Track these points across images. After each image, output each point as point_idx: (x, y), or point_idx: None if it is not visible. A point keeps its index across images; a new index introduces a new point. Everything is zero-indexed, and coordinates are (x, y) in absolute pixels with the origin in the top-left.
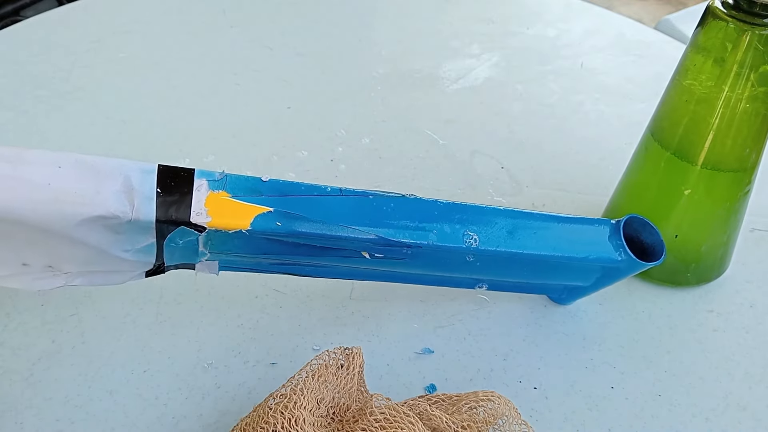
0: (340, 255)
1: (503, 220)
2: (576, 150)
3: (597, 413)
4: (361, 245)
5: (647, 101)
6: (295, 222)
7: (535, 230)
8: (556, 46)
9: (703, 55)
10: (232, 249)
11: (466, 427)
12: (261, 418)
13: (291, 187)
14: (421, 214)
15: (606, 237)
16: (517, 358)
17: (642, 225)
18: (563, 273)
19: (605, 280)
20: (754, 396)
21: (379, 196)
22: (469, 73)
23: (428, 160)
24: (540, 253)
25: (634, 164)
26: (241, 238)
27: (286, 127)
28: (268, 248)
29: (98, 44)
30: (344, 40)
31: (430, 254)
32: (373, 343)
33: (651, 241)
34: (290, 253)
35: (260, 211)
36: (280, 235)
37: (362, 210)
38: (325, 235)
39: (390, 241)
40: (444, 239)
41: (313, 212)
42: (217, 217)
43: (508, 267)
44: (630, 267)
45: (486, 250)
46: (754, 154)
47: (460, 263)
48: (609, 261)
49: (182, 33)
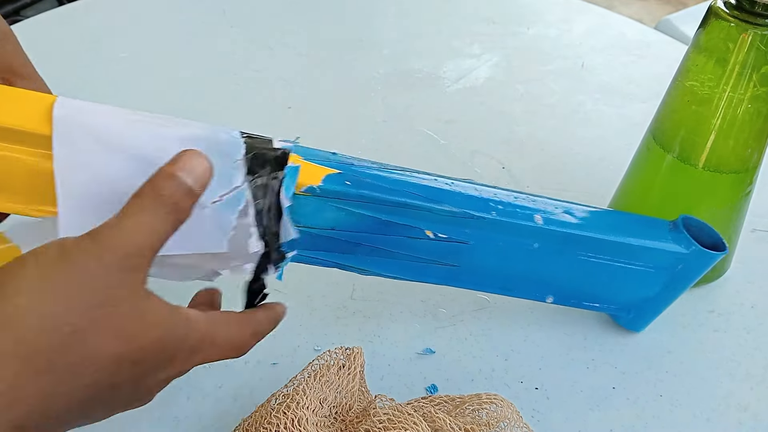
0: (404, 234)
1: (568, 207)
2: (576, 150)
3: (598, 413)
4: (426, 218)
5: (648, 101)
6: (363, 185)
7: (599, 218)
8: (557, 46)
9: (705, 55)
10: (302, 219)
11: (470, 430)
12: (264, 418)
13: (358, 160)
14: (485, 193)
15: (666, 231)
16: (518, 359)
17: (699, 227)
18: (629, 273)
19: (673, 287)
20: (755, 396)
21: (444, 177)
22: (469, 73)
23: (428, 160)
24: (606, 238)
25: (635, 165)
26: (312, 205)
27: (286, 127)
28: (335, 221)
29: (98, 44)
30: (344, 40)
31: (494, 240)
32: (374, 344)
33: (709, 242)
34: (357, 228)
35: (331, 171)
36: (350, 197)
37: (427, 186)
38: (392, 201)
39: (454, 211)
40: (509, 216)
41: (380, 181)
42: None
43: (573, 262)
44: (697, 260)
45: (550, 230)
46: (756, 155)
47: (523, 255)
48: (675, 254)
49: (182, 33)
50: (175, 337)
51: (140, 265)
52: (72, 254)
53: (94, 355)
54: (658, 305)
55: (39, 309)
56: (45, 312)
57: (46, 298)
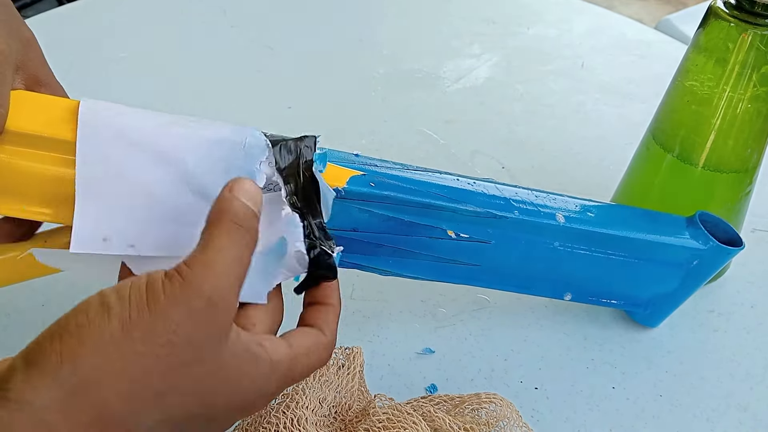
0: (426, 234)
1: (587, 205)
2: (576, 150)
3: (598, 413)
4: (449, 218)
5: (648, 101)
6: (387, 186)
7: (617, 215)
8: (557, 46)
9: (704, 55)
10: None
11: (469, 430)
12: (263, 417)
13: (381, 162)
14: (507, 193)
15: (683, 228)
16: (518, 359)
17: (715, 223)
18: (647, 270)
19: (689, 283)
20: (755, 396)
21: (466, 176)
22: (469, 73)
23: (428, 160)
24: (626, 235)
25: (635, 165)
26: (336, 206)
27: (286, 127)
28: (359, 221)
29: (98, 44)
30: (344, 40)
31: (515, 239)
32: (374, 343)
33: (725, 237)
34: (379, 229)
35: (355, 173)
36: (373, 199)
37: (450, 186)
38: (415, 201)
39: (477, 211)
40: (531, 215)
41: (403, 182)
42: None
43: (592, 259)
44: (714, 256)
45: (572, 228)
46: (756, 155)
47: (544, 253)
48: (692, 250)
49: (182, 33)
50: (256, 390)
51: (230, 304)
52: (159, 302)
53: (171, 415)
54: (674, 301)
55: (119, 371)
56: (125, 375)
57: (127, 359)
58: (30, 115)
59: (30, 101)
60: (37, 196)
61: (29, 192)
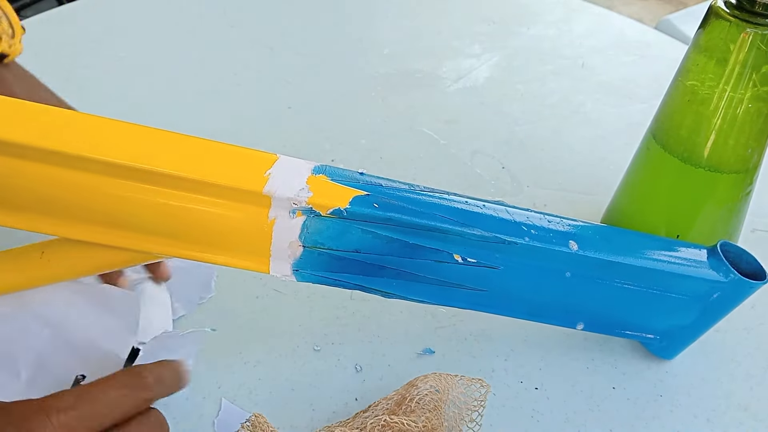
0: (432, 258)
1: (602, 231)
2: (577, 150)
3: (598, 414)
4: (456, 242)
5: (648, 101)
6: (391, 207)
7: (634, 244)
8: (557, 46)
9: (705, 55)
10: (325, 241)
11: (427, 421)
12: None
13: (387, 181)
14: (518, 217)
15: (704, 258)
16: (518, 359)
17: (738, 253)
18: (664, 301)
19: (707, 316)
20: (755, 396)
21: (475, 198)
22: (469, 73)
23: (428, 160)
24: (643, 265)
25: (635, 165)
26: (337, 227)
27: (286, 127)
28: (361, 242)
29: (98, 44)
30: (344, 40)
31: (525, 266)
32: (373, 344)
33: (748, 269)
34: (383, 251)
35: (358, 193)
36: (377, 221)
37: (458, 209)
38: (421, 224)
39: (485, 236)
40: (542, 241)
41: (409, 203)
42: (318, 195)
43: (607, 289)
44: (735, 290)
45: (585, 257)
46: (756, 155)
47: (555, 281)
48: (712, 282)
49: (182, 33)
50: None
51: None
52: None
53: None
54: (691, 334)
55: None
56: None
57: None
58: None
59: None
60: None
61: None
